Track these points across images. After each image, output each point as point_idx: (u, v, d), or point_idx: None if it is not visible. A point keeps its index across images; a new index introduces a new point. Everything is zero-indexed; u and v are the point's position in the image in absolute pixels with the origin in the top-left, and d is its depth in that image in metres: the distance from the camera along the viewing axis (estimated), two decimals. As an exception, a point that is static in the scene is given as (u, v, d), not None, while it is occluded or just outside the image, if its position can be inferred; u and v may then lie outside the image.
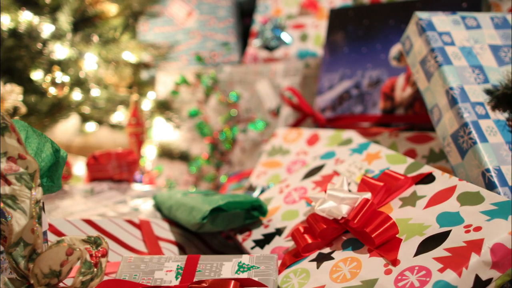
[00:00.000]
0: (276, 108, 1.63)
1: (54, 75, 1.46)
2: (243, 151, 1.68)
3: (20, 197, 0.76)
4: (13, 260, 0.77)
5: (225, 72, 1.74)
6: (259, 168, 1.32)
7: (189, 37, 1.94)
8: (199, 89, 1.75)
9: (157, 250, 1.05)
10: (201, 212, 1.01)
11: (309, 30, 1.69)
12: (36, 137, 0.89)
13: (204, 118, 1.76)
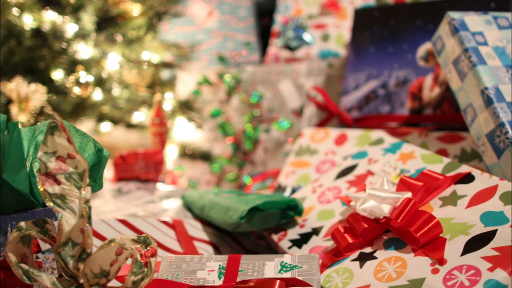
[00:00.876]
0: (300, 108, 1.63)
1: (78, 75, 1.46)
2: (265, 151, 1.68)
3: (69, 197, 0.76)
4: (61, 260, 0.77)
5: (247, 72, 1.74)
6: (287, 168, 1.32)
7: (210, 37, 1.94)
8: (221, 89, 1.74)
9: (192, 250, 1.05)
10: (238, 212, 1.01)
11: (331, 30, 1.69)
12: (78, 136, 0.89)
13: (226, 118, 1.76)
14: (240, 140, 1.72)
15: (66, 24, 1.46)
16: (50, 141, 0.76)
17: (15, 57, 1.49)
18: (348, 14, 1.68)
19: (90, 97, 1.48)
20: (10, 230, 0.86)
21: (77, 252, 0.77)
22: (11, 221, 0.86)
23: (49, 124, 0.76)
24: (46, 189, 0.75)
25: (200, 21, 1.95)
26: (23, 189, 0.84)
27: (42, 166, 0.76)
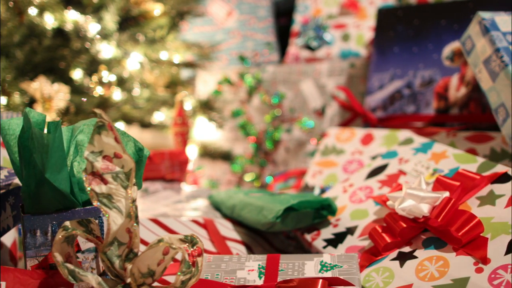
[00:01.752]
0: (321, 108, 1.63)
1: (100, 75, 1.45)
2: (287, 150, 1.68)
3: (116, 196, 0.76)
4: (107, 260, 0.77)
5: (268, 72, 1.74)
6: (313, 168, 1.32)
7: (229, 36, 1.93)
8: (241, 88, 1.74)
9: (225, 249, 1.05)
10: (273, 211, 1.01)
11: (351, 30, 1.69)
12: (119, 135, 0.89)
13: (247, 118, 1.76)
14: (261, 140, 1.72)
15: (88, 24, 1.45)
16: (97, 141, 0.76)
17: (36, 56, 1.49)
18: (368, 14, 1.68)
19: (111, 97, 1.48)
20: (50, 229, 0.86)
21: (123, 252, 0.76)
22: (51, 220, 0.86)
23: (96, 124, 0.76)
24: (93, 188, 0.75)
25: (219, 21, 1.95)
26: (64, 189, 0.84)
27: (88, 166, 0.76)
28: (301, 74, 1.67)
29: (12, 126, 0.88)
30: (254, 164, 1.75)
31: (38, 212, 0.85)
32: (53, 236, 0.86)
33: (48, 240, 0.86)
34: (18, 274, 0.81)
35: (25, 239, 0.85)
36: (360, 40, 1.68)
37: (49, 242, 0.86)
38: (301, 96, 1.66)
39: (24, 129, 0.84)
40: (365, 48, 1.66)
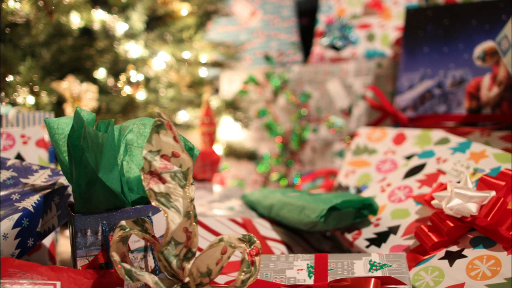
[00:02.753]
0: (348, 107, 1.63)
1: (128, 74, 1.45)
2: (313, 150, 1.68)
3: (174, 196, 0.76)
4: (165, 259, 0.77)
5: (294, 72, 1.74)
6: (346, 167, 1.32)
7: (253, 36, 1.93)
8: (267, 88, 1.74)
9: (267, 249, 1.05)
10: (316, 211, 1.01)
11: (376, 30, 1.69)
12: (168, 135, 0.88)
13: (272, 118, 1.76)
14: (288, 139, 1.72)
15: (116, 23, 1.45)
16: (155, 140, 0.76)
17: (63, 56, 1.49)
18: (392, 14, 1.68)
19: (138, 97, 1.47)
20: (101, 229, 0.86)
21: (181, 251, 0.76)
22: (101, 220, 0.85)
23: (155, 123, 0.76)
24: (152, 187, 0.75)
25: (243, 21, 1.95)
26: (116, 188, 0.84)
27: (146, 165, 0.76)
28: (327, 74, 1.67)
29: (61, 126, 0.88)
30: (280, 164, 1.75)
31: (88, 211, 0.85)
32: (104, 235, 0.86)
33: (99, 240, 0.85)
34: (71, 274, 0.80)
35: (75, 238, 0.84)
36: (385, 40, 1.68)
37: (99, 242, 0.86)
38: (328, 96, 1.66)
39: (74, 128, 0.84)
40: (390, 48, 1.66)
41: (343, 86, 1.63)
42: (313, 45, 1.81)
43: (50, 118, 0.88)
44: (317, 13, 1.83)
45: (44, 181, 0.96)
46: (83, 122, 0.82)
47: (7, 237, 0.85)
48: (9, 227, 0.85)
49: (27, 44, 1.40)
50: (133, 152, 0.89)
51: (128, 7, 1.51)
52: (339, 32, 1.71)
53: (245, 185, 1.79)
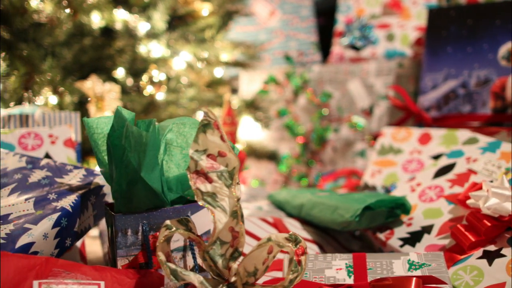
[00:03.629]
0: (369, 107, 1.63)
1: (151, 74, 1.45)
2: (334, 150, 1.68)
3: (220, 195, 0.76)
4: (210, 259, 0.76)
5: (314, 72, 1.74)
6: (372, 167, 1.32)
7: (272, 36, 1.93)
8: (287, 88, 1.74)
9: (299, 248, 1.05)
10: (350, 210, 1.01)
11: (395, 30, 1.69)
12: (207, 134, 0.88)
13: (293, 118, 1.76)
14: (308, 139, 1.72)
15: (138, 23, 1.44)
16: (202, 139, 0.76)
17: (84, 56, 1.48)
18: (411, 14, 1.68)
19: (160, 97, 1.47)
20: (141, 229, 0.85)
21: (227, 251, 0.76)
22: (142, 220, 0.85)
23: (202, 122, 0.76)
24: (199, 187, 0.75)
25: (262, 21, 1.95)
26: (157, 188, 0.84)
27: (192, 164, 0.76)
28: (348, 73, 1.67)
29: (100, 125, 0.88)
30: (301, 164, 1.75)
31: (129, 211, 0.85)
32: (144, 235, 0.85)
33: (139, 240, 0.85)
34: (114, 274, 0.80)
35: (116, 238, 0.84)
36: (405, 40, 1.68)
37: (140, 242, 0.85)
38: (349, 95, 1.66)
39: (115, 127, 0.83)
40: (410, 48, 1.66)
41: (364, 86, 1.63)
42: (332, 45, 1.81)
43: (89, 118, 0.88)
44: (336, 13, 1.83)
45: (79, 180, 0.96)
46: (124, 121, 0.82)
47: (47, 237, 0.85)
48: (49, 227, 0.85)
49: (50, 44, 1.40)
50: (172, 151, 0.89)
51: (149, 6, 1.51)
52: (359, 32, 1.71)
53: (266, 185, 1.78)
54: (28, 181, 0.95)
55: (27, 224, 0.84)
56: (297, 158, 1.76)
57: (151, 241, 0.86)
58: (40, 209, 0.88)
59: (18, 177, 0.96)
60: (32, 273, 0.75)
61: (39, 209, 0.88)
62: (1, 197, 0.92)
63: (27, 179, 0.96)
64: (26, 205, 0.89)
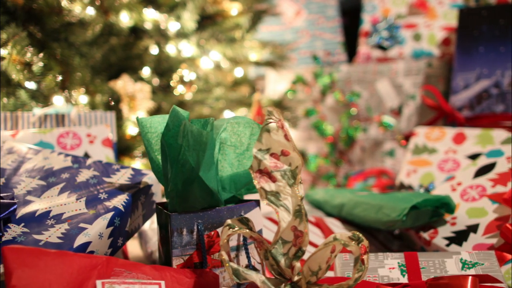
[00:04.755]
0: (398, 107, 1.63)
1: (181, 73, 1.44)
2: (363, 150, 1.68)
3: (283, 194, 0.76)
4: (273, 258, 0.76)
5: (342, 71, 1.74)
6: (407, 167, 1.32)
7: (298, 36, 1.93)
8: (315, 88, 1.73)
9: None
10: (397, 210, 1.01)
11: (422, 30, 1.70)
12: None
13: (320, 117, 1.76)
14: (336, 139, 1.72)
15: (168, 22, 1.44)
16: (265, 138, 0.76)
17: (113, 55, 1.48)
18: (437, 14, 1.69)
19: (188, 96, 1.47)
20: (196, 228, 0.85)
21: (289, 250, 0.76)
22: (197, 219, 0.85)
23: (265, 121, 0.76)
24: (263, 186, 0.75)
25: (288, 20, 1.95)
26: (214, 187, 0.84)
27: (255, 163, 0.76)
28: (377, 73, 1.67)
29: (153, 124, 0.88)
30: (329, 164, 1.75)
31: (184, 210, 0.84)
32: (199, 235, 0.85)
33: (194, 239, 0.85)
34: (173, 273, 0.80)
35: (171, 238, 0.84)
36: (432, 39, 1.68)
37: (194, 241, 0.85)
38: (377, 95, 1.67)
39: (170, 126, 0.83)
40: (437, 48, 1.67)
41: (393, 86, 1.63)
42: (358, 44, 1.81)
43: (142, 117, 0.88)
44: (361, 13, 1.83)
45: (127, 180, 0.96)
46: (180, 120, 0.82)
47: (102, 236, 0.85)
48: (103, 226, 0.85)
49: (81, 43, 1.40)
50: (226, 150, 0.89)
51: (177, 6, 1.51)
52: (386, 32, 1.71)
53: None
54: (76, 180, 0.95)
55: (82, 224, 0.84)
56: (325, 157, 1.76)
57: (206, 241, 0.86)
58: (93, 209, 0.87)
59: (66, 176, 0.96)
60: (94, 273, 0.75)
61: (92, 209, 0.87)
62: (51, 196, 0.91)
63: (75, 178, 0.95)
64: (78, 204, 0.89)
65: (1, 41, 1.17)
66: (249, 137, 0.89)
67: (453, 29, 1.63)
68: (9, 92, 1.30)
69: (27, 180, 0.96)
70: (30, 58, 1.20)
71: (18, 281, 0.69)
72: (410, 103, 1.63)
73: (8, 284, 0.69)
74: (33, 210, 0.88)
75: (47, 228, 0.84)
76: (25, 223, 0.85)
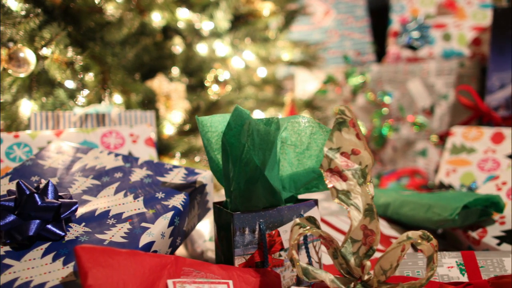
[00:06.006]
0: (430, 107, 1.64)
1: (216, 73, 1.44)
2: (394, 149, 1.68)
3: (353, 193, 0.76)
4: (342, 257, 0.76)
5: (373, 71, 1.74)
6: (445, 166, 1.32)
7: (327, 36, 1.93)
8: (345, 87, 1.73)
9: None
10: (448, 209, 1.02)
11: (451, 30, 1.70)
12: (322, 133, 0.88)
13: (351, 117, 1.75)
14: (368, 139, 1.72)
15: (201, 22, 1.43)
16: (336, 137, 0.76)
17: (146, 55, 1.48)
18: (466, 14, 1.69)
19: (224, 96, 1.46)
20: (258, 228, 0.85)
21: (359, 249, 0.76)
22: (259, 218, 0.85)
23: (336, 120, 0.76)
24: (335, 185, 0.75)
25: (317, 20, 1.95)
26: (277, 186, 0.84)
27: (326, 162, 0.76)
28: (408, 73, 1.67)
29: (214, 123, 0.88)
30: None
31: (247, 210, 0.84)
32: (260, 234, 0.85)
33: (255, 238, 0.85)
34: (239, 273, 0.80)
35: (234, 237, 0.84)
36: (462, 39, 1.69)
37: (256, 240, 0.85)
38: (409, 95, 1.67)
39: (232, 125, 0.83)
40: (468, 48, 1.67)
41: (425, 86, 1.64)
42: (387, 44, 1.82)
43: (203, 116, 0.88)
44: (389, 12, 1.83)
45: (181, 179, 0.96)
46: (243, 119, 0.82)
47: (164, 236, 0.84)
48: (165, 226, 0.85)
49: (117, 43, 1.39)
50: (286, 149, 0.89)
51: (209, 6, 1.50)
52: (417, 32, 1.71)
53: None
54: (131, 180, 0.95)
55: (144, 223, 0.84)
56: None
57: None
58: (152, 208, 0.87)
59: (119, 176, 0.96)
60: (165, 272, 0.75)
61: (151, 208, 0.87)
62: (108, 196, 0.91)
63: (129, 178, 0.95)
64: (136, 204, 0.88)
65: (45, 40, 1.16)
66: (309, 136, 0.88)
67: (483, 29, 1.64)
68: (47, 91, 1.30)
69: (81, 179, 0.95)
70: (72, 58, 1.20)
71: (94, 280, 0.69)
72: (442, 103, 1.63)
73: (84, 283, 0.68)
74: (92, 210, 0.87)
75: (109, 227, 0.84)
76: (85, 223, 0.84)
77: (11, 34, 1.17)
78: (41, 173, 0.97)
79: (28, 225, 0.80)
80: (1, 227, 0.79)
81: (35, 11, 1.14)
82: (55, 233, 0.80)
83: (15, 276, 0.74)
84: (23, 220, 0.80)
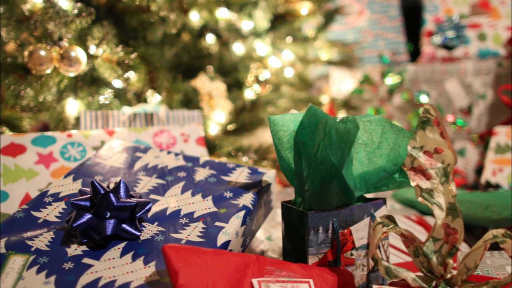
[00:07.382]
0: (468, 106, 1.64)
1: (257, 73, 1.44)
2: (432, 149, 1.68)
3: (436, 192, 0.76)
4: (424, 256, 0.76)
5: (409, 71, 1.74)
6: (491, 166, 1.33)
7: (360, 36, 1.93)
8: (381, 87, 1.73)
9: (452, 246, 1.05)
10: (509, 208, 1.02)
11: (486, 30, 1.70)
12: (393, 132, 0.88)
13: (387, 117, 1.76)
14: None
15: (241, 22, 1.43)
16: (420, 136, 0.76)
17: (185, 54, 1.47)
18: (501, 14, 1.70)
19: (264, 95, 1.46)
20: (331, 227, 0.85)
21: (441, 247, 0.76)
22: (332, 217, 0.85)
23: (420, 119, 0.76)
24: (419, 184, 0.75)
25: (351, 20, 1.95)
26: (352, 185, 0.84)
27: (408, 160, 0.76)
28: (445, 73, 1.68)
29: (285, 123, 0.88)
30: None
31: (321, 209, 0.84)
32: (333, 233, 0.85)
33: (328, 238, 0.85)
34: (318, 272, 0.80)
35: (308, 236, 0.84)
36: (497, 39, 1.69)
37: (329, 240, 0.85)
38: (446, 95, 1.67)
39: (305, 124, 0.83)
40: (504, 48, 1.68)
41: (462, 86, 1.64)
42: (422, 44, 1.82)
43: (274, 116, 0.87)
44: (423, 12, 1.83)
45: (246, 178, 0.95)
46: (318, 118, 0.82)
47: (238, 235, 0.84)
48: (238, 225, 0.84)
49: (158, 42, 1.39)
50: (357, 148, 0.89)
51: (247, 5, 1.50)
52: (452, 31, 1.72)
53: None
54: (195, 179, 0.94)
55: (218, 223, 0.84)
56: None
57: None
58: (223, 207, 0.87)
59: (183, 175, 0.96)
60: (248, 271, 0.75)
61: (222, 207, 0.87)
62: (175, 195, 0.91)
63: (193, 177, 0.95)
64: (206, 203, 0.88)
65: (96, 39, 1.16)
66: (380, 135, 0.88)
67: (518, 29, 1.65)
68: (93, 91, 1.30)
69: (145, 178, 0.95)
70: (122, 57, 1.19)
71: (185, 279, 0.69)
72: (480, 102, 1.64)
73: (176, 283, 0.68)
74: (162, 209, 0.87)
75: (182, 227, 0.83)
76: (158, 222, 0.84)
77: (62, 33, 1.16)
78: (103, 173, 0.96)
79: (105, 224, 0.79)
80: (78, 226, 0.78)
81: (88, 10, 1.14)
82: (131, 233, 0.80)
83: (97, 275, 0.74)
84: (99, 220, 0.80)
